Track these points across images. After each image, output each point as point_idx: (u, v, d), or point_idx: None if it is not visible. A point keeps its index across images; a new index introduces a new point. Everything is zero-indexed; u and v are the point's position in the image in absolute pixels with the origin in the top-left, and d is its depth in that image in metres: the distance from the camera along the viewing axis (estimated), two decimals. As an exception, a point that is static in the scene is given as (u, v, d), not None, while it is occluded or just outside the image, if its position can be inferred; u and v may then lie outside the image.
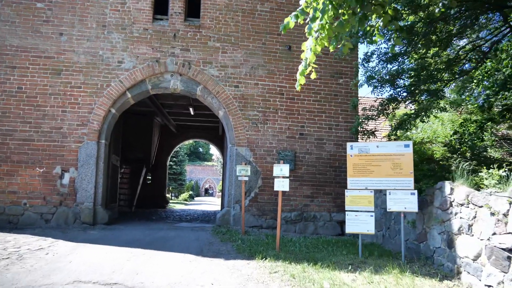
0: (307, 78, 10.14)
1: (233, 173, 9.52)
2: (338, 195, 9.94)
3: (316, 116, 10.11)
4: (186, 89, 9.71)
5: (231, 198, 9.53)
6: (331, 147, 10.09)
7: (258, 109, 9.84)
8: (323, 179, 9.94)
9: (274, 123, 9.88)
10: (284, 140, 9.87)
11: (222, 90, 9.69)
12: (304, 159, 9.92)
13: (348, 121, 10.24)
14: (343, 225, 9.89)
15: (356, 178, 6.88)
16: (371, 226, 6.66)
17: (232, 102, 9.71)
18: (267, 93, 9.93)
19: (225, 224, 9.42)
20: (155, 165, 18.23)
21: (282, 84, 10.02)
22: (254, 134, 9.74)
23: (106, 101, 9.24)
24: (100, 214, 9.02)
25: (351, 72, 10.43)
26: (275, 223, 9.53)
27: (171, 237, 8.01)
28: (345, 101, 10.29)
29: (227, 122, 9.78)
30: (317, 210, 9.82)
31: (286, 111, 9.97)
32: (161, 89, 9.76)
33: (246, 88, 9.84)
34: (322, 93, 10.20)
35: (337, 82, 10.32)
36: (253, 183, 9.55)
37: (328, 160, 10.03)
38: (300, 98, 10.07)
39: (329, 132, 10.13)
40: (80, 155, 9.00)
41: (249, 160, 9.60)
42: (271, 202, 9.60)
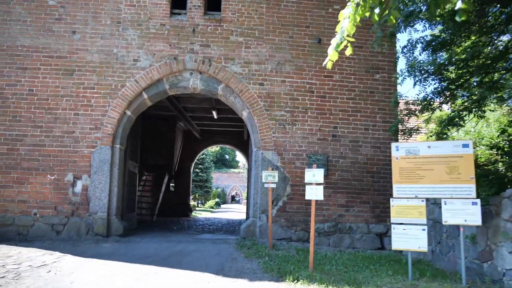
0: (340, 73, 9.16)
1: (259, 179, 8.60)
2: (377, 204, 8.83)
3: (350, 116, 9.07)
4: (206, 88, 8.91)
5: (256, 207, 8.60)
6: (367, 150, 9.01)
7: (286, 108, 8.90)
8: (360, 186, 8.85)
9: (304, 124, 8.91)
10: (315, 142, 8.88)
11: (245, 89, 8.83)
12: (337, 163, 8.88)
13: (387, 121, 9.13)
14: (382, 238, 8.77)
15: (404, 185, 5.80)
16: (423, 242, 5.55)
17: (257, 102, 8.83)
18: (295, 91, 8.99)
19: (250, 236, 8.49)
20: (178, 171, 17.59)
21: (312, 81, 9.06)
22: (282, 136, 8.80)
23: (120, 102, 8.57)
24: (114, 225, 8.30)
25: (389, 67, 9.34)
26: (306, 235, 8.53)
27: (190, 251, 7.15)
28: (383, 99, 9.20)
29: (252, 123, 8.90)
30: (353, 221, 8.74)
31: (316, 110, 8.98)
32: (180, 89, 9.01)
33: (272, 85, 8.93)
34: (357, 90, 9.15)
35: (374, 78, 9.25)
36: (281, 191, 8.59)
37: (364, 165, 8.94)
38: (332, 96, 9.06)
39: (365, 134, 9.05)
40: (93, 161, 8.34)
41: (276, 165, 8.66)
42: (301, 211, 8.60)
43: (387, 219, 8.76)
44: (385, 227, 8.75)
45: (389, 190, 8.86)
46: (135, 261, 6.23)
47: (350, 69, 9.19)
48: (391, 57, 9.37)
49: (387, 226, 8.76)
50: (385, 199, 8.85)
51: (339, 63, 9.17)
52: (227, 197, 68.74)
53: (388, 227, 8.76)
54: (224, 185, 68.40)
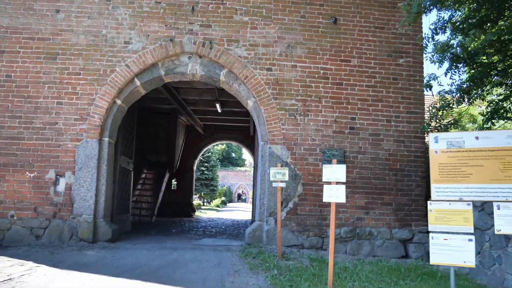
0: (358, 57, 8.05)
1: (266, 177, 7.55)
2: (400, 206, 7.74)
3: (370, 106, 7.98)
4: (207, 74, 7.86)
5: (263, 209, 7.56)
6: (390, 144, 7.91)
7: (297, 97, 7.84)
8: (381, 186, 7.77)
9: (317, 114, 7.84)
10: (330, 136, 7.80)
11: (251, 75, 7.77)
12: (356, 159, 7.80)
13: (412, 112, 8.03)
14: (407, 245, 7.69)
15: (445, 185, 4.71)
16: (470, 255, 4.46)
17: (264, 89, 7.77)
18: (308, 77, 7.91)
19: (256, 242, 7.45)
20: (180, 169, 16.60)
21: (327, 66, 7.98)
22: (292, 128, 7.74)
23: (110, 90, 7.56)
24: (101, 229, 7.31)
25: (414, 50, 8.22)
26: (320, 242, 7.47)
27: (186, 261, 6.13)
28: (407, 87, 8.10)
29: (258, 114, 7.85)
30: (374, 225, 7.66)
31: (332, 99, 7.91)
32: (177, 75, 7.97)
33: (281, 71, 7.87)
34: (378, 77, 8.06)
35: (397, 63, 8.14)
36: (291, 191, 7.54)
37: (386, 161, 7.85)
38: (350, 83, 7.97)
39: (387, 126, 7.96)
40: (78, 156, 7.35)
41: (286, 162, 7.60)
42: (314, 214, 7.54)
43: (412, 224, 7.70)
44: (410, 232, 7.67)
45: (414, 190, 7.80)
46: (120, 274, 5.22)
47: (370, 53, 8.09)
48: (416, 39, 8.26)
49: (412, 232, 7.69)
50: (410, 200, 7.78)
51: (357, 46, 8.09)
52: (234, 195, 68.15)
53: (414, 233, 7.69)
54: (231, 183, 67.88)
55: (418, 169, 7.90)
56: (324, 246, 7.49)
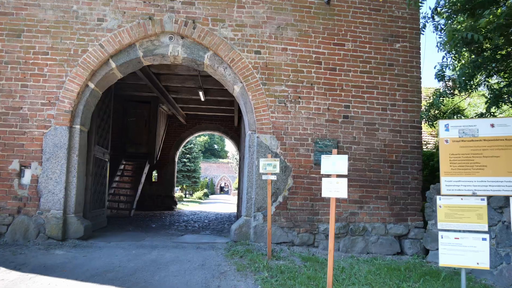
0: (353, 41, 7.52)
1: (254, 169, 6.99)
2: (396, 199, 7.31)
3: (365, 93, 7.48)
4: (189, 56, 7.20)
5: (250, 203, 7.00)
6: (385, 134, 7.45)
7: (288, 83, 7.27)
8: (376, 178, 7.32)
9: (309, 102, 7.29)
10: (323, 125, 7.28)
11: (238, 58, 7.15)
12: (349, 150, 7.31)
13: (408, 100, 7.57)
14: (402, 241, 7.28)
15: (457, 178, 4.24)
16: (484, 256, 4.01)
17: (252, 74, 7.17)
18: (299, 62, 7.35)
19: (242, 239, 6.90)
20: (161, 161, 15.88)
21: (319, 49, 7.42)
22: (282, 116, 7.18)
23: (81, 72, 6.82)
24: (72, 226, 6.62)
25: (411, 34, 7.75)
26: (311, 238, 6.98)
27: (166, 262, 5.53)
28: (404, 73, 7.63)
29: (245, 101, 7.25)
30: (368, 220, 7.21)
31: (325, 86, 7.37)
32: (157, 57, 7.28)
33: (270, 54, 7.28)
34: (373, 62, 7.56)
35: (393, 48, 7.66)
36: (280, 184, 7.00)
37: (382, 153, 7.40)
38: (344, 69, 7.45)
39: (383, 115, 7.49)
40: (45, 145, 6.61)
41: (275, 152, 7.05)
42: (305, 209, 7.03)
43: (408, 218, 7.29)
44: (405, 227, 7.26)
45: (410, 183, 7.37)
46: (90, 278, 4.59)
47: (365, 37, 7.58)
48: (413, 22, 7.78)
49: (408, 227, 7.28)
50: (406, 194, 7.36)
51: (352, 29, 7.55)
52: (216, 187, 67.70)
53: (409, 228, 7.28)
54: (213, 175, 67.44)
55: (414, 161, 7.48)
56: (316, 243, 7.01)
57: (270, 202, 5.93)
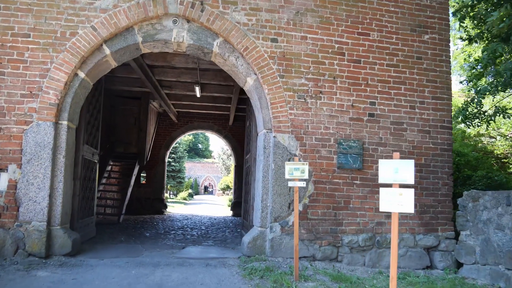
0: (378, 30, 6.72)
1: (270, 173, 6.11)
2: (426, 207, 6.57)
3: (392, 89, 6.71)
4: (196, 43, 6.26)
5: (266, 212, 6.12)
6: (414, 135, 6.70)
7: (308, 75, 6.42)
8: (404, 184, 6.54)
9: (332, 97, 6.47)
10: (347, 123, 6.47)
11: (252, 46, 6.27)
12: (375, 152, 6.52)
13: (438, 98, 6.84)
14: (431, 253, 6.54)
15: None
16: None
17: (268, 64, 6.29)
18: (320, 52, 6.52)
19: (257, 254, 6.01)
20: (151, 161, 14.81)
21: (342, 39, 6.61)
22: (302, 113, 6.33)
23: (69, 58, 5.81)
24: (58, 240, 5.60)
25: (440, 25, 7.02)
26: (334, 252, 6.15)
27: (175, 285, 4.60)
28: (433, 68, 6.90)
29: (260, 95, 6.36)
30: (396, 230, 6.43)
31: (348, 80, 6.56)
32: (158, 44, 6.32)
33: (288, 43, 6.42)
34: (400, 55, 6.79)
35: (421, 40, 6.91)
36: (300, 190, 6.15)
37: (410, 155, 6.63)
38: (369, 62, 6.66)
39: (411, 113, 6.73)
40: (25, 144, 5.58)
41: (294, 154, 6.20)
42: (328, 219, 6.20)
43: (439, 228, 6.55)
44: (435, 238, 6.52)
45: (440, 190, 6.64)
46: (84, 313, 3.64)
47: (391, 26, 6.80)
48: (442, 12, 7.06)
49: (438, 238, 6.55)
50: (436, 201, 6.62)
51: (377, 17, 6.77)
52: (200, 187, 66.89)
53: (440, 239, 6.55)
54: (197, 175, 66.71)
55: (444, 164, 6.75)
56: (339, 257, 6.18)
57: (297, 212, 5.06)
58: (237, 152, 16.22)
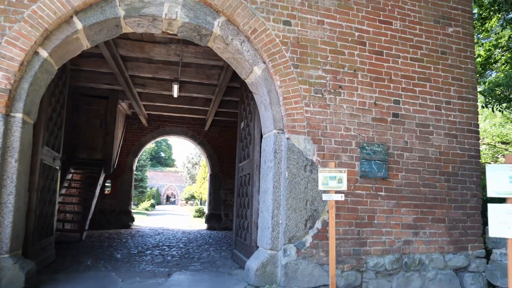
0: (401, 19, 5.75)
1: (282, 183, 5.00)
2: (455, 222, 5.71)
3: (416, 86, 5.85)
4: (193, 21, 5.06)
5: (277, 232, 4.98)
6: (440, 139, 5.85)
7: (325, 66, 5.41)
8: (431, 195, 5.66)
9: (352, 93, 5.49)
10: (369, 124, 5.50)
11: (262, 28, 5.17)
12: (401, 159, 5.59)
13: (463, 98, 6.07)
14: (460, 274, 5.67)
15: None
16: None
17: (281, 51, 5.22)
18: (339, 40, 5.54)
19: (268, 283, 4.84)
20: (118, 169, 13.21)
21: (363, 26, 5.68)
22: (319, 111, 5.29)
23: (28, 30, 4.44)
24: (7, 273, 4.15)
25: (463, 18, 6.30)
26: (358, 278, 5.11)
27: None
28: (458, 64, 6.13)
29: (269, 88, 5.25)
30: (424, 250, 5.51)
31: (370, 73, 5.62)
32: (144, 21, 5.07)
33: (303, 27, 5.39)
34: (424, 48, 5.96)
35: (445, 33, 6.13)
36: (318, 204, 5.08)
37: (437, 162, 5.78)
38: (392, 54, 5.77)
39: (437, 114, 5.90)
40: (-38, 143, 4.13)
41: (311, 160, 5.13)
42: (350, 238, 5.16)
43: (469, 246, 5.70)
44: (466, 258, 5.66)
45: (469, 202, 5.81)
46: None
47: (414, 16, 5.97)
48: (465, 4, 6.34)
49: (469, 257, 5.69)
50: (465, 215, 5.79)
51: (399, 4, 5.92)
52: (162, 197, 64.71)
53: (470, 259, 5.69)
54: (159, 184, 64.65)
55: (473, 173, 5.95)
56: (364, 284, 5.14)
57: (333, 235, 3.97)
58: (213, 160, 14.95)
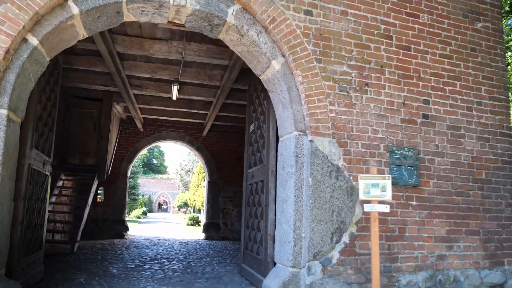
0: (428, 12, 5.04)
1: (305, 192, 4.43)
2: (490, 234, 5.19)
3: (446, 85, 5.35)
4: (204, 8, 4.50)
5: (300, 247, 4.39)
6: (472, 143, 5.35)
7: (350, 61, 4.88)
8: (465, 205, 5.14)
9: (379, 92, 4.96)
10: (398, 126, 4.97)
11: (281, 17, 4.63)
12: (432, 164, 5.06)
13: (495, 98, 5.60)
14: (496, 293, 5.12)
15: None
16: None
17: (302, 44, 4.68)
18: (364, 33, 5.02)
19: (289, 307, 4.25)
20: (111, 176, 12.52)
21: (389, 19, 5.18)
22: (345, 111, 4.75)
23: (15, 13, 3.83)
24: (-15, 299, 3.51)
25: (492, 13, 5.86)
26: (389, 298, 4.53)
27: None
28: (488, 62, 5.66)
29: (289, 84, 4.68)
30: (459, 265, 4.97)
31: (398, 70, 5.11)
32: (149, 7, 4.49)
33: (326, 18, 4.86)
34: (453, 44, 5.48)
35: (474, 28, 5.67)
36: (346, 214, 4.51)
37: (469, 168, 5.26)
38: (420, 50, 5.27)
39: (468, 116, 5.40)
40: None
41: (337, 165, 4.57)
42: (381, 253, 4.56)
43: (505, 261, 5.17)
44: (502, 274, 5.13)
45: (504, 211, 5.29)
46: None
47: (442, 9, 5.50)
48: (494, -2, 5.89)
49: (505, 273, 5.15)
50: (500, 226, 5.27)
51: (426, -4, 5.43)
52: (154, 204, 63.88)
53: (507, 275, 5.16)
54: (151, 191, 63.89)
55: (507, 180, 5.45)
56: (396, 306, 4.57)
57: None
58: (211, 166, 14.33)
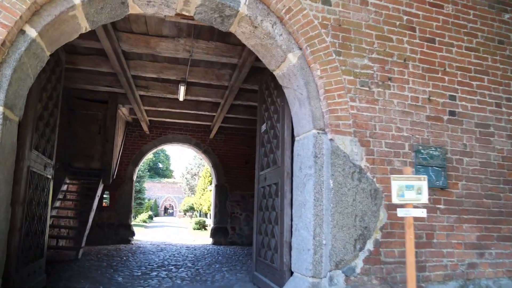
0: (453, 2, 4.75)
1: (325, 195, 4.08)
2: (523, 240, 4.79)
3: (473, 80, 4.99)
4: (215, -1, 4.21)
5: (320, 255, 4.03)
6: (502, 142, 4.98)
7: (372, 54, 4.54)
8: (496, 208, 4.76)
9: (403, 87, 4.62)
10: (423, 124, 4.62)
11: (297, 7, 4.31)
12: (460, 165, 4.70)
13: (525, 94, 5.21)
14: (529, 304, 4.71)
15: None
16: None
17: (320, 35, 4.35)
18: (386, 25, 4.69)
19: (310, 321, 3.90)
20: (117, 179, 12.24)
21: (411, 9, 4.84)
22: (367, 108, 4.40)
23: (12, 2, 3.53)
24: (-23, 314, 3.20)
25: (520, 3, 5.48)
26: (417, 310, 4.15)
27: None
28: (516, 55, 5.29)
29: (307, 79, 4.35)
30: (491, 274, 4.59)
31: (422, 64, 4.76)
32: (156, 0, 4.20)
33: (345, 8, 4.53)
34: (480, 36, 5.12)
35: (501, 19, 5.30)
36: (370, 219, 4.15)
37: (500, 169, 4.89)
38: (445, 42, 4.91)
39: (497, 113, 5.03)
40: None
41: (359, 166, 4.22)
42: (407, 261, 4.22)
43: (539, 269, 4.73)
44: (537, 284, 4.72)
45: (537, 216, 4.88)
46: None
47: None
48: (522, -13, 5.52)
49: (540, 282, 4.74)
50: (533, 232, 4.86)
51: (450, -14, 5.08)
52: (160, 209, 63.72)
53: (542, 284, 4.74)
54: (157, 196, 63.80)
55: (539, 181, 5.06)
56: (425, 319, 4.20)
57: (413, 261, 3.04)
58: (219, 169, 14.01)
